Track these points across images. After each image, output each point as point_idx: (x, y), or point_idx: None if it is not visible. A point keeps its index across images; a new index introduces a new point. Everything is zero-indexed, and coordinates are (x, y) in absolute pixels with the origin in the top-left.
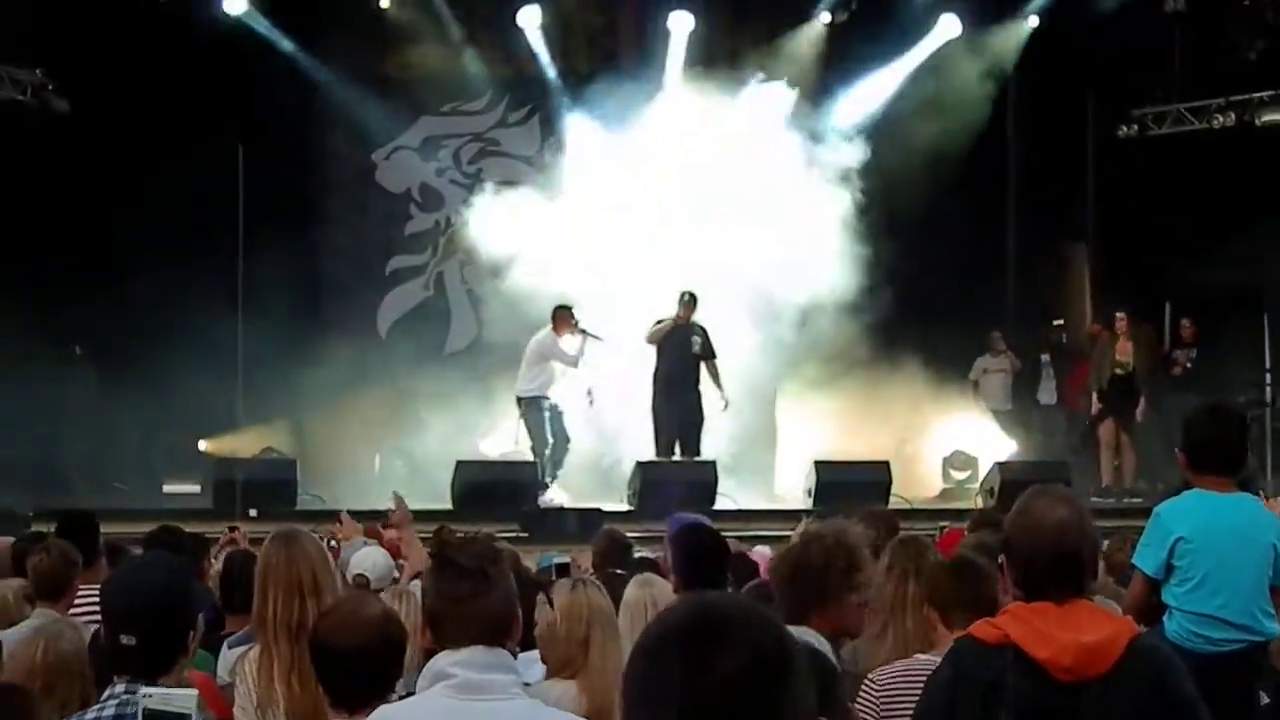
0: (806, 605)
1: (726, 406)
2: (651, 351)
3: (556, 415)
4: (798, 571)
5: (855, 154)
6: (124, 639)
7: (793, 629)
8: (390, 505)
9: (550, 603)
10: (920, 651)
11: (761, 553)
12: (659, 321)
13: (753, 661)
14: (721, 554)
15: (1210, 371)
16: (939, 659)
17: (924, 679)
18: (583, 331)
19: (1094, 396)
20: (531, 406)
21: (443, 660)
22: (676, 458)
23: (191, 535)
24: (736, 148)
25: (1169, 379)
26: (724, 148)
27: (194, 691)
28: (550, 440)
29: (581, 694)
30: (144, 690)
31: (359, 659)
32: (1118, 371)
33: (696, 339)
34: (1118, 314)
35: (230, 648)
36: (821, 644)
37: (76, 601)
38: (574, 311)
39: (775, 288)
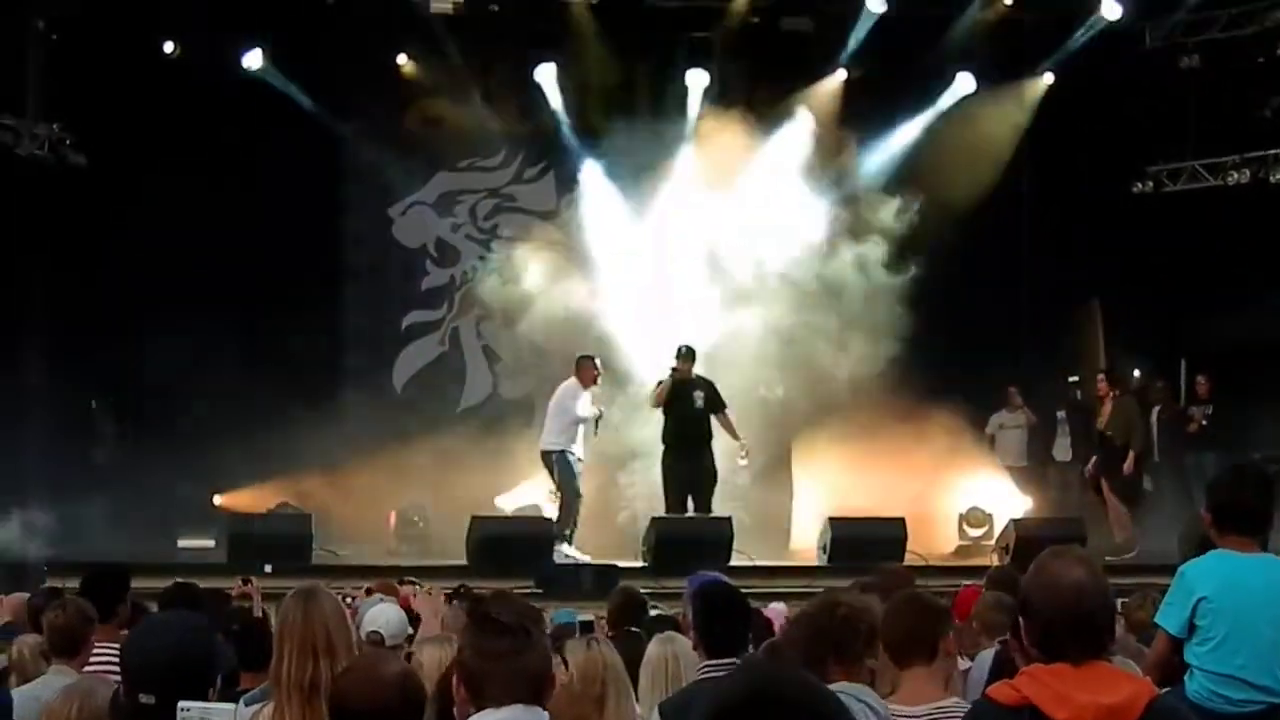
0: (826, 663)
1: (746, 454)
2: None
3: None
4: (821, 633)
5: (871, 210)
6: (143, 698)
7: (845, 686)
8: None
9: (565, 662)
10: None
11: (777, 610)
12: (659, 383)
13: None
14: (742, 612)
15: (1227, 428)
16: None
17: None
18: (594, 395)
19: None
20: (561, 460)
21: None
22: (690, 514)
23: (209, 590)
24: (753, 202)
25: (1186, 436)
26: (740, 202)
27: (231, 706)
28: (580, 494)
29: None
30: (182, 704)
31: (379, 717)
32: (1107, 433)
33: (699, 394)
34: (1099, 376)
35: (245, 704)
36: (878, 702)
37: (95, 657)
38: (596, 362)
39: (790, 342)
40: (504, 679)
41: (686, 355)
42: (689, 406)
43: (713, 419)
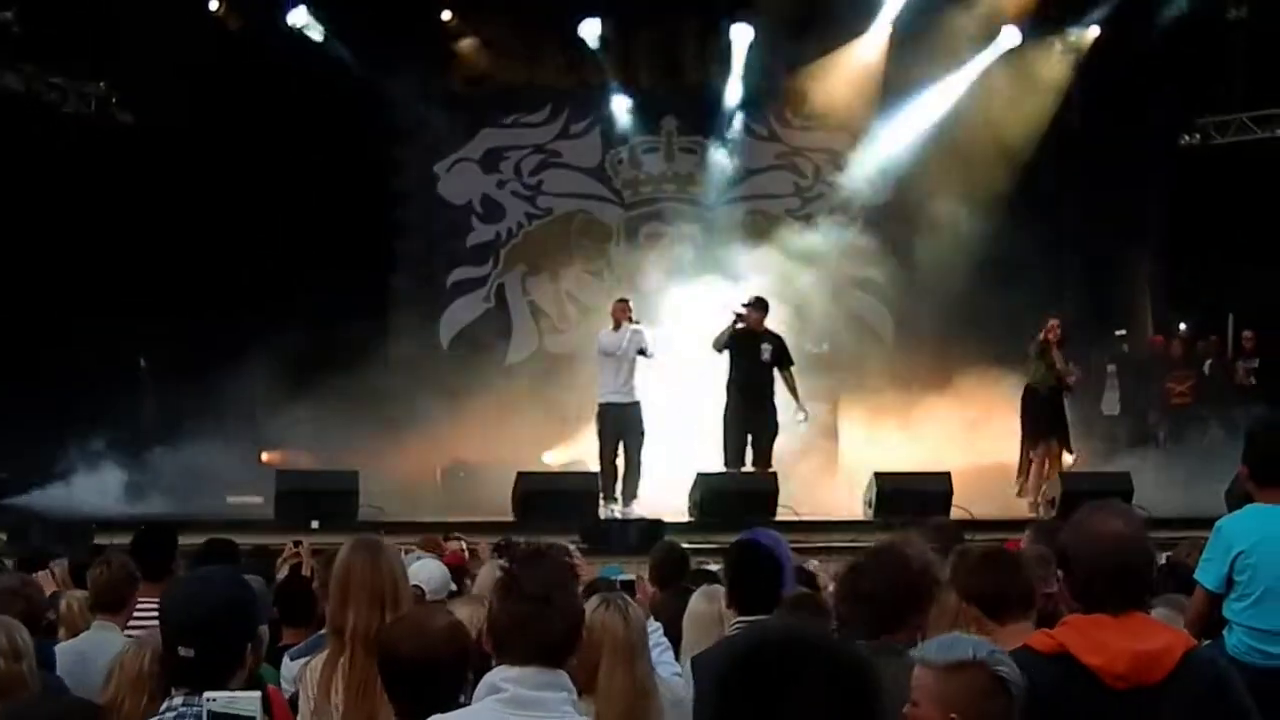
0: (889, 620)
1: (806, 418)
2: (723, 360)
3: (621, 423)
4: (892, 588)
5: (916, 163)
6: (183, 651)
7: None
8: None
9: None
10: None
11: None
12: (728, 327)
13: (841, 687)
14: (772, 570)
15: (1276, 381)
16: None
17: None
18: (632, 322)
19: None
20: (597, 415)
21: (497, 675)
22: (748, 468)
23: (257, 547)
24: (797, 155)
25: (1233, 390)
26: (787, 155)
27: (257, 694)
28: (618, 451)
29: (598, 716)
30: (207, 694)
31: (427, 669)
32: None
33: (768, 346)
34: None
35: (292, 659)
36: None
37: (138, 612)
38: (629, 303)
39: (837, 297)
40: (522, 642)
41: (756, 304)
42: (756, 358)
43: (776, 373)
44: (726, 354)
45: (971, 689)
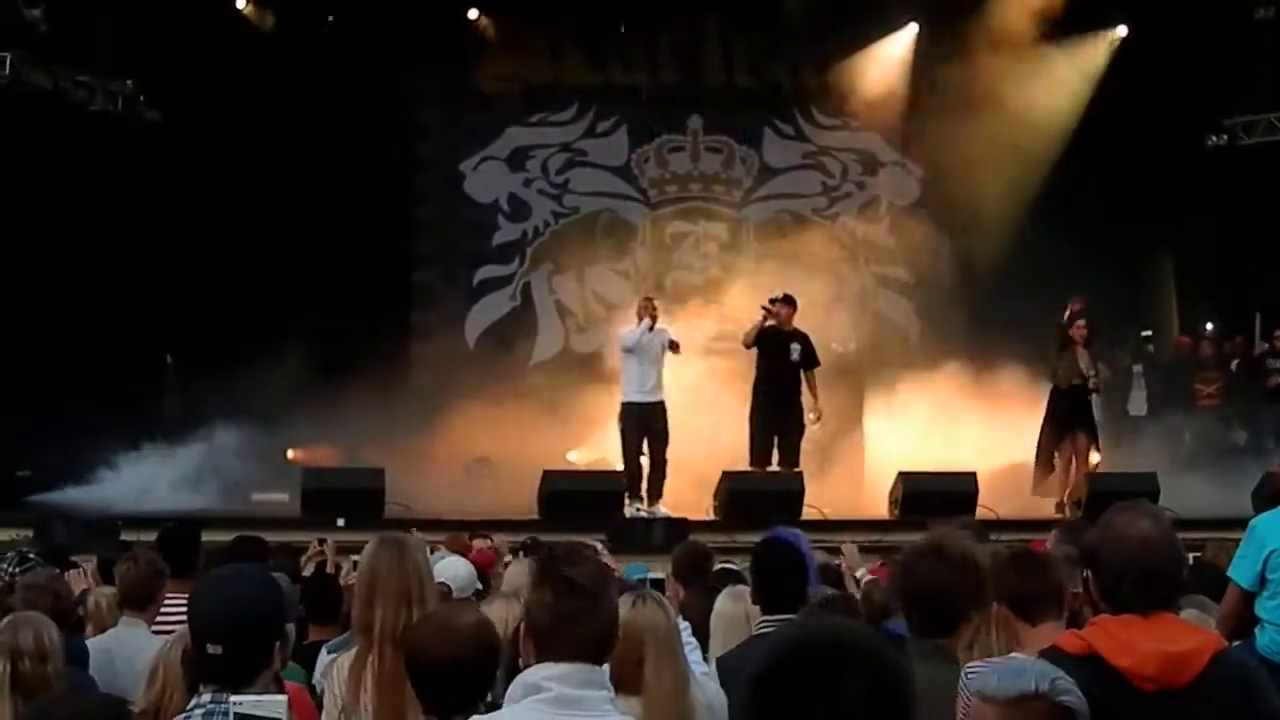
0: (941, 622)
1: (819, 419)
2: (751, 357)
3: (645, 423)
4: (940, 589)
5: (944, 163)
6: (210, 648)
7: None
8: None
9: None
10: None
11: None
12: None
13: (879, 688)
14: (798, 568)
15: None
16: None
17: None
18: (652, 317)
19: None
20: (621, 413)
21: (536, 674)
22: (773, 468)
23: (281, 544)
24: (824, 154)
25: (1265, 389)
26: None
27: (284, 698)
28: (642, 450)
29: (645, 712)
30: (234, 698)
31: (454, 667)
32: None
33: (796, 346)
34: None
35: (329, 653)
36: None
37: (165, 608)
38: (654, 302)
39: (862, 297)
40: (572, 638)
41: (785, 301)
42: (785, 357)
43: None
44: (754, 353)
45: None
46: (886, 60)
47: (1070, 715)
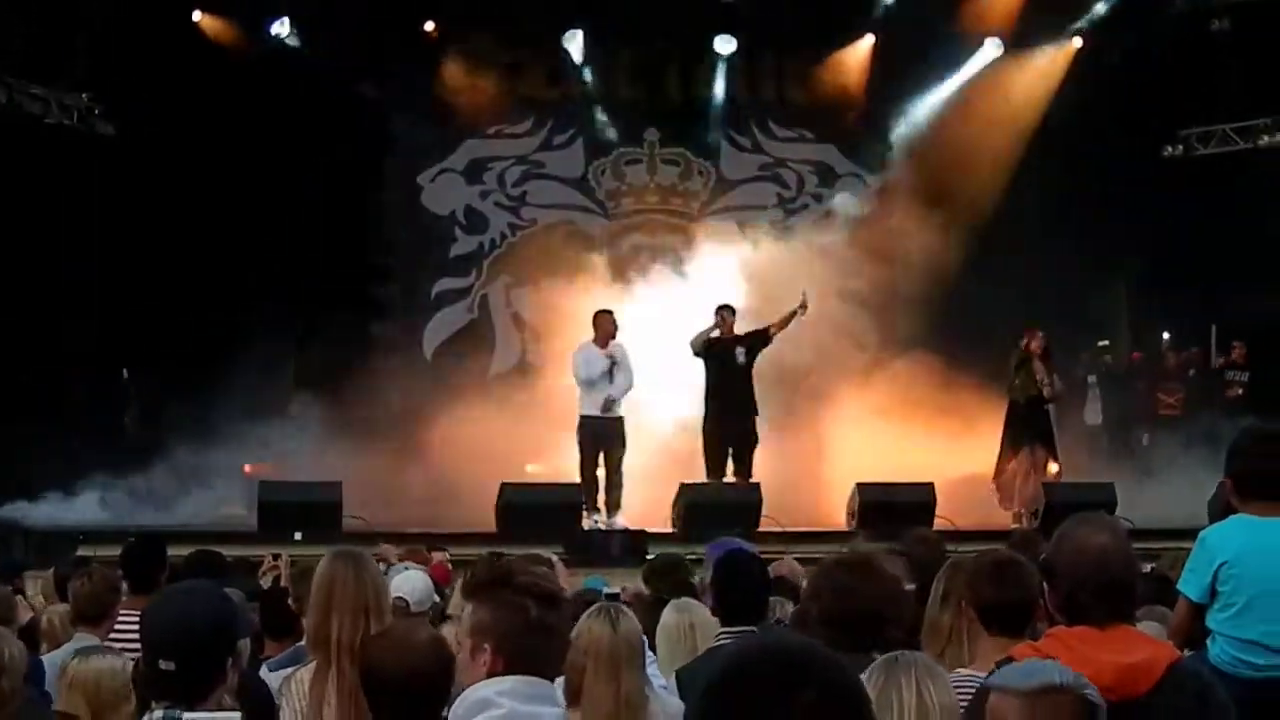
0: (844, 645)
1: (805, 303)
2: (699, 366)
3: (603, 436)
4: (845, 614)
5: (899, 176)
6: (163, 664)
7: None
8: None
9: None
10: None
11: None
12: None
13: (831, 701)
14: (760, 579)
15: (1265, 393)
16: (980, 673)
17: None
18: (610, 356)
19: None
20: (578, 427)
21: (486, 689)
22: (728, 479)
23: (238, 559)
24: (780, 166)
25: (1224, 401)
26: (771, 166)
27: (236, 714)
28: (599, 463)
29: None
30: (186, 715)
31: (410, 683)
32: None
33: (741, 349)
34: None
35: (271, 670)
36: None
37: (120, 626)
38: (614, 317)
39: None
40: (547, 651)
41: (724, 311)
42: (730, 363)
43: (755, 367)
44: (702, 365)
45: (1060, 715)
46: (844, 72)
47: (1092, 709)
